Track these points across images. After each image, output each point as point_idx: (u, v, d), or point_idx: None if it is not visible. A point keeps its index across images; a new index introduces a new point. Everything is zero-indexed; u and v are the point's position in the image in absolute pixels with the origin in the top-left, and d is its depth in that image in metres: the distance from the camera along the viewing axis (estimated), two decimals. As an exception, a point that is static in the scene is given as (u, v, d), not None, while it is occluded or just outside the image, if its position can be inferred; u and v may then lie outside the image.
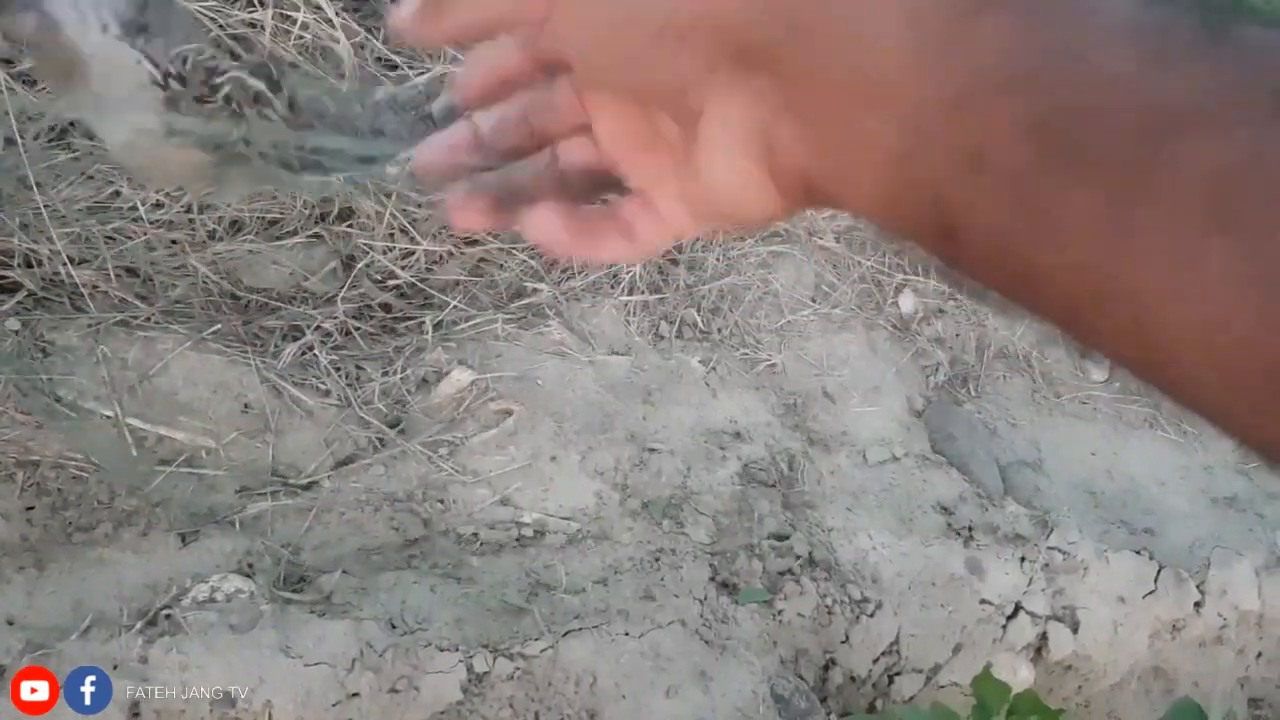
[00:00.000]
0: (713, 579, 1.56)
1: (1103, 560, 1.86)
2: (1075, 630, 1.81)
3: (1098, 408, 2.17)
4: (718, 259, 1.96)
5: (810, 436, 1.84)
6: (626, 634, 1.43)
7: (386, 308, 1.67)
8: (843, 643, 1.61)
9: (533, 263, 1.81)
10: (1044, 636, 1.79)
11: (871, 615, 1.63)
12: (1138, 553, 1.90)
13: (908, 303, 2.08)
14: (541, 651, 1.36)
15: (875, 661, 1.64)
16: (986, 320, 2.14)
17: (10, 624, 1.20)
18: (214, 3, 1.68)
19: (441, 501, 1.52)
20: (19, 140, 1.50)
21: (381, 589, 1.37)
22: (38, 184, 1.49)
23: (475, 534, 1.50)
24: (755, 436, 1.77)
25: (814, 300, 2.01)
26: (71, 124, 1.59)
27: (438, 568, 1.44)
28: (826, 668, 1.60)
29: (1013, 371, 2.13)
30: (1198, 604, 1.91)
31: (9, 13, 0.41)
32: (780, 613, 1.56)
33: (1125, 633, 1.85)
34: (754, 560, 1.60)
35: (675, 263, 1.94)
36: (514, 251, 1.83)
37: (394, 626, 1.34)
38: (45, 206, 1.48)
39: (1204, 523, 2.04)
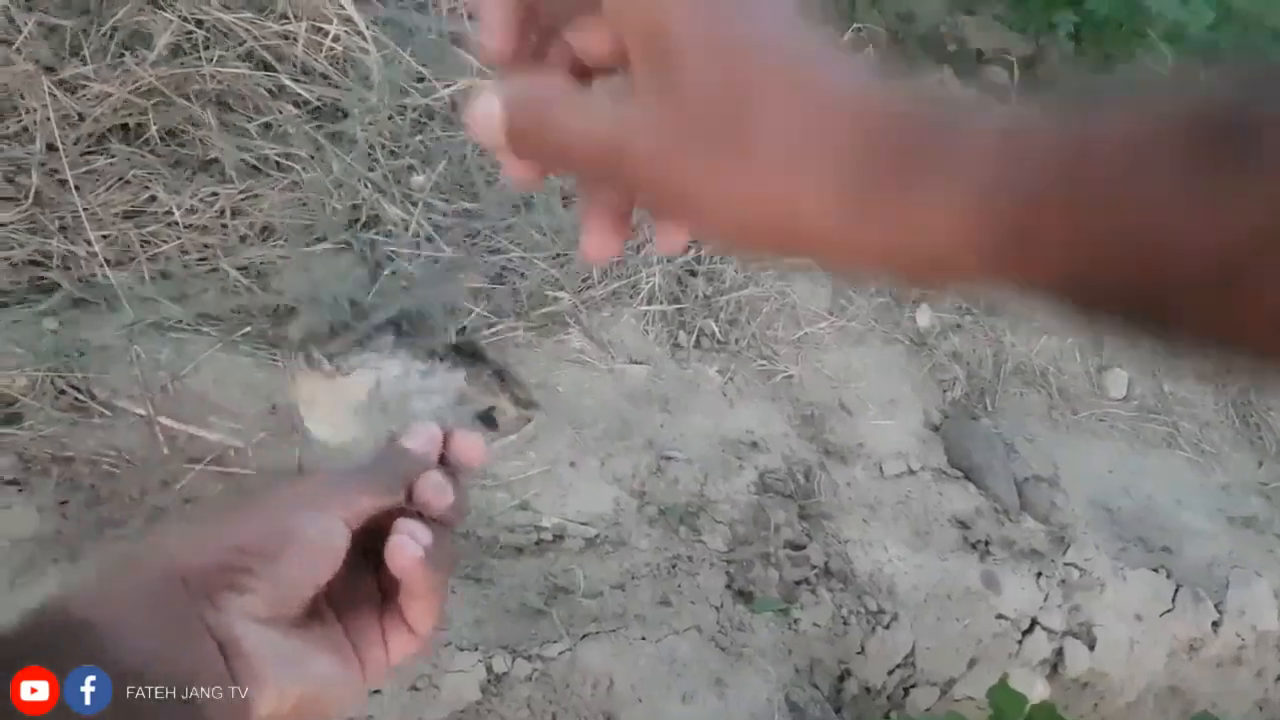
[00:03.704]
0: (729, 587, 1.57)
1: (1120, 577, 1.85)
2: (1092, 647, 1.80)
3: (1115, 425, 2.17)
4: (736, 270, 1.98)
5: (827, 448, 1.86)
6: (643, 639, 1.44)
7: (411, 314, 1.70)
8: (858, 654, 1.61)
9: (554, 272, 1.84)
10: (1060, 653, 1.78)
11: (887, 627, 1.64)
12: (1155, 571, 1.90)
13: (925, 317, 2.09)
14: (560, 654, 1.37)
15: (890, 673, 1.65)
16: (1003, 336, 2.15)
17: (43, 614, 1.23)
18: (249, 14, 1.73)
19: (462, 505, 1.54)
20: (59, 145, 1.55)
21: (403, 589, 1.39)
22: (77, 188, 1.54)
23: (495, 537, 1.52)
24: (772, 447, 1.79)
25: (831, 313, 2.02)
26: (108, 132, 1.64)
27: (458, 569, 1.46)
28: (841, 678, 1.61)
29: (1029, 387, 2.14)
30: (1215, 624, 1.90)
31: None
32: (796, 622, 1.57)
33: (1142, 651, 1.85)
34: (770, 569, 1.61)
35: (694, 273, 1.97)
36: (535, 260, 1.86)
37: (414, 626, 1.36)
38: (84, 210, 1.52)
39: (1222, 542, 2.03)
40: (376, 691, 1.28)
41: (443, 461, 0.49)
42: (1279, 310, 0.23)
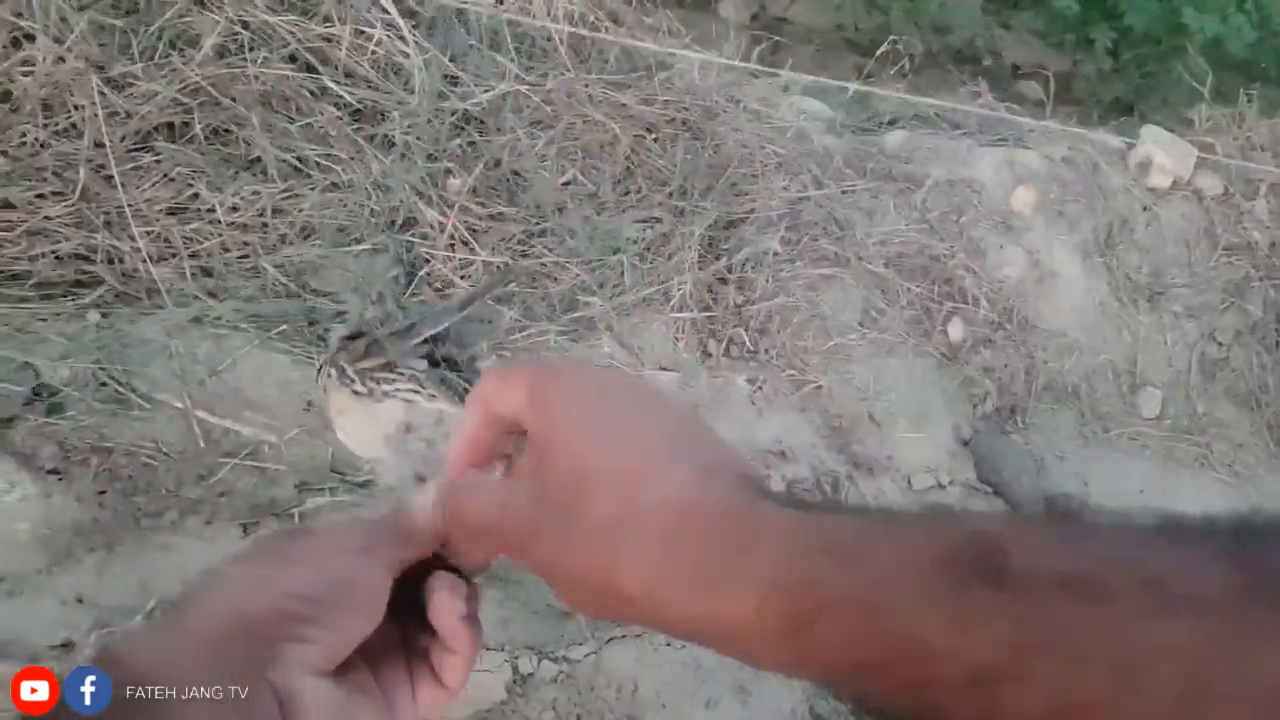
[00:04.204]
0: (754, 596, 1.57)
1: (1150, 598, 1.83)
2: (1120, 668, 1.78)
3: (1147, 444, 2.15)
4: (767, 280, 1.98)
5: (855, 460, 1.85)
6: (668, 644, 1.44)
7: (444, 315, 1.71)
8: (883, 667, 1.61)
9: (586, 277, 1.85)
10: (1087, 673, 1.76)
11: (912, 641, 1.62)
12: (1186, 593, 1.87)
13: (956, 330, 2.08)
14: (585, 656, 1.37)
15: (915, 688, 1.63)
16: (1036, 351, 2.13)
17: (80, 601, 1.25)
18: (294, 17, 1.76)
19: (491, 506, 1.55)
20: (106, 141, 1.58)
21: (431, 588, 1.40)
22: (122, 184, 1.57)
23: (522, 539, 1.53)
24: (800, 457, 1.78)
25: (862, 324, 2.02)
26: (153, 130, 1.67)
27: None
28: (866, 691, 1.60)
29: (1061, 404, 2.12)
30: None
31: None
32: (821, 633, 1.56)
33: (1171, 674, 1.82)
34: (796, 579, 1.60)
35: (725, 282, 1.97)
36: (568, 265, 1.87)
37: (442, 625, 1.37)
38: (128, 206, 1.55)
39: (1255, 566, 2.00)
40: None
41: None
42: (1041, 709, 0.27)
